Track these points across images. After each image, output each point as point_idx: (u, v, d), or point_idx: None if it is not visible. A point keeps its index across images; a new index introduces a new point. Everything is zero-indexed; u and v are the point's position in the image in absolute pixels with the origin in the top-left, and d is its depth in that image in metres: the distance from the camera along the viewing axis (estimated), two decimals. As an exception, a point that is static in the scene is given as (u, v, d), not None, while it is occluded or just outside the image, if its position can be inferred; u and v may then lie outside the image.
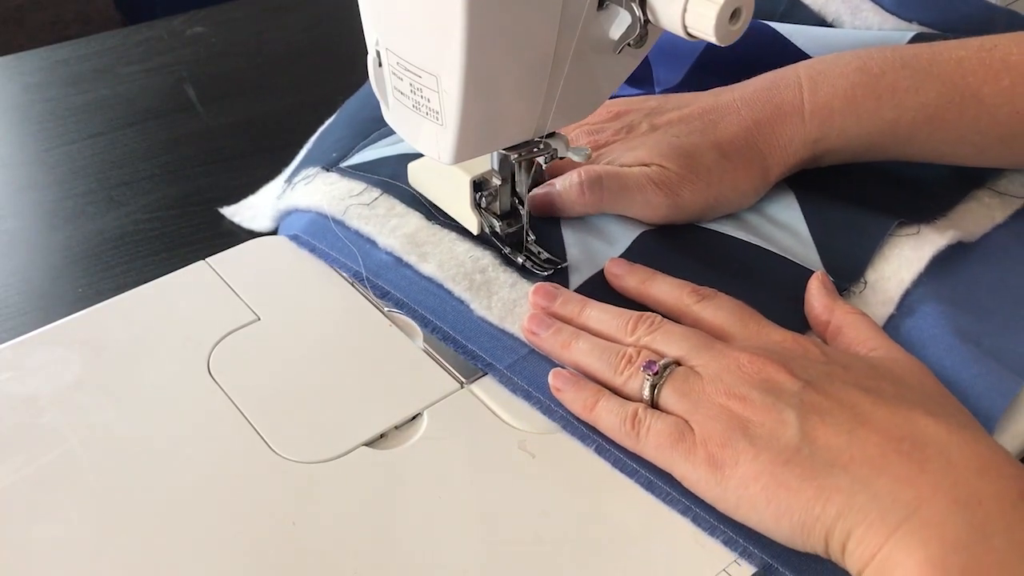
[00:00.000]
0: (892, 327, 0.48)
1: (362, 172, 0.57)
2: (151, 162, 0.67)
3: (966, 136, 0.53)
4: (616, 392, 0.44)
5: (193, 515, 0.40)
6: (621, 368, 0.43)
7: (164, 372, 0.46)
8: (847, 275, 0.51)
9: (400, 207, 0.54)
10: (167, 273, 0.53)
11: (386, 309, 0.50)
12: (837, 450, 0.37)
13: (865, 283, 0.51)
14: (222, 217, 0.60)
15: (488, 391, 0.46)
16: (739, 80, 0.57)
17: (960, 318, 0.48)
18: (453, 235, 0.53)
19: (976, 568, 0.33)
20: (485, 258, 0.51)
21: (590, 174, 0.52)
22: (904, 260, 0.51)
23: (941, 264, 0.51)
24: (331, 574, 0.38)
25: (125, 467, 0.42)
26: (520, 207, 0.51)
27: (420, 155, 0.58)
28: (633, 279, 0.49)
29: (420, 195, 0.55)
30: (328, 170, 0.57)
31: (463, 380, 0.46)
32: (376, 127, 0.61)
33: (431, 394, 0.46)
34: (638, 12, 0.40)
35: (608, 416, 0.42)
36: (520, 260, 0.51)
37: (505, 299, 0.49)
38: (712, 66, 0.61)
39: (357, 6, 0.45)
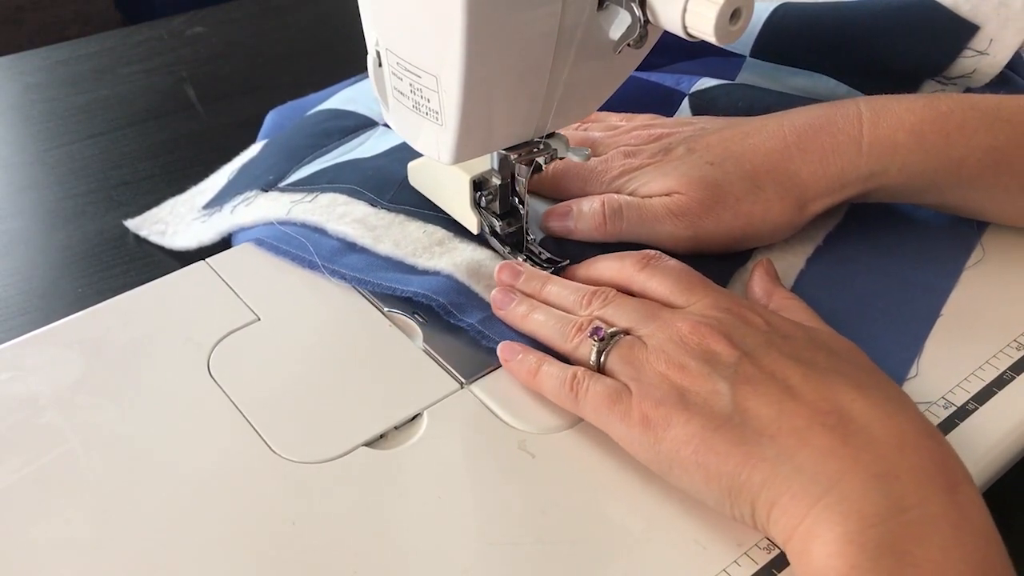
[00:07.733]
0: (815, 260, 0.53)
1: (302, 185, 0.57)
2: (151, 162, 0.67)
3: None
4: (568, 360, 0.45)
5: (193, 515, 0.40)
6: (571, 336, 0.45)
7: (164, 372, 0.46)
8: None
9: (343, 198, 0.55)
10: (167, 273, 0.53)
11: (386, 309, 0.50)
12: (766, 420, 0.38)
13: None
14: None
15: (488, 391, 0.46)
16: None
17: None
18: (402, 216, 0.53)
19: (891, 542, 0.34)
20: (439, 232, 0.52)
21: (611, 204, 0.52)
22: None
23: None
24: (331, 574, 0.38)
25: (125, 467, 0.42)
26: (520, 207, 0.51)
27: (352, 162, 0.59)
28: (580, 271, 0.51)
29: (362, 191, 0.55)
30: (267, 191, 0.57)
31: (463, 380, 0.46)
32: (309, 152, 0.61)
33: (431, 394, 0.46)
34: (638, 12, 0.40)
35: (549, 380, 0.44)
36: (520, 261, 0.51)
37: (469, 259, 0.51)
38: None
39: (357, 6, 0.45)
